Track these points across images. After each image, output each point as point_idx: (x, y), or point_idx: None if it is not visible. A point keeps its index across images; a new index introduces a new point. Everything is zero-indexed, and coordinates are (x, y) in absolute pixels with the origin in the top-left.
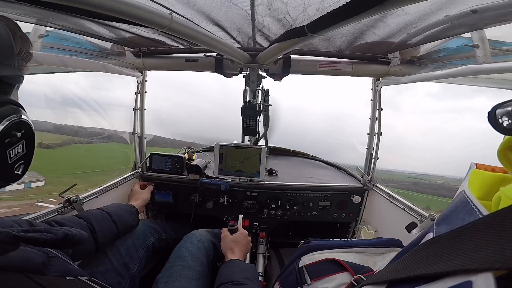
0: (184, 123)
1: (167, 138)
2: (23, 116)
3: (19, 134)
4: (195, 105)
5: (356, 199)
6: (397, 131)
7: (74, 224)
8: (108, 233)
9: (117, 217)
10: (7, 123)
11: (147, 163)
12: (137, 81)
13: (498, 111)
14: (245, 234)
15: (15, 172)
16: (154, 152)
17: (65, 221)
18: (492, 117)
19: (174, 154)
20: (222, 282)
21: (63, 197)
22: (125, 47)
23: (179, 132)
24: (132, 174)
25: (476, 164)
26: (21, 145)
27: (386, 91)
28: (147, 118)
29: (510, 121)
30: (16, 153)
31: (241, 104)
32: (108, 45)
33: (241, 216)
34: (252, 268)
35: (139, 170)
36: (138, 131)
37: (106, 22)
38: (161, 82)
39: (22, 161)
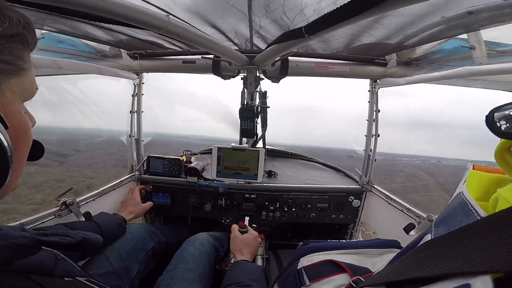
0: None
1: None
2: None
3: None
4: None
5: (355, 201)
6: None
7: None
8: None
9: (106, 229)
10: None
11: (145, 165)
12: (133, 84)
13: (495, 114)
14: (255, 235)
15: None
16: (151, 155)
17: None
18: (490, 121)
19: (172, 157)
20: (229, 283)
21: (59, 201)
22: (121, 49)
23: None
24: (130, 176)
25: (473, 165)
26: None
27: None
28: None
29: (508, 125)
30: None
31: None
32: (104, 47)
33: (247, 218)
34: (259, 269)
35: (136, 173)
36: (135, 134)
37: (102, 24)
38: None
39: None
